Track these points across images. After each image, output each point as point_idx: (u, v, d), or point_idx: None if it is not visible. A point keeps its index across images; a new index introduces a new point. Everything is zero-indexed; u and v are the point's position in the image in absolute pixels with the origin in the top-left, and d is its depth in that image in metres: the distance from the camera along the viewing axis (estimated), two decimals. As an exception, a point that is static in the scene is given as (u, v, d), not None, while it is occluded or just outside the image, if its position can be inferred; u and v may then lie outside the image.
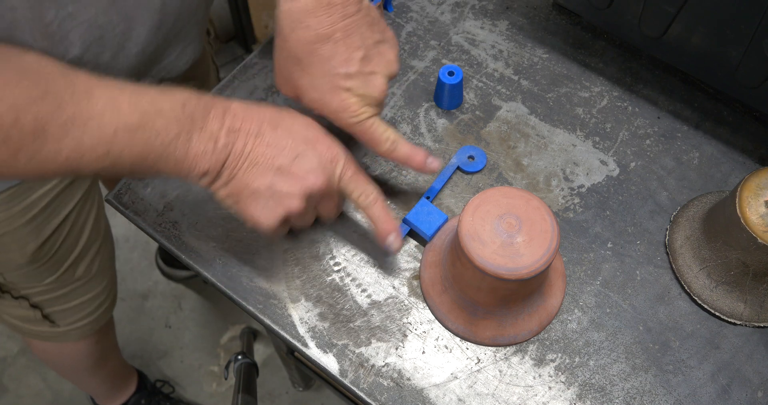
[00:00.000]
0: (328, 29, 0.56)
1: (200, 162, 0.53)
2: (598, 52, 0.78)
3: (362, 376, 0.61)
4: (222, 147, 0.54)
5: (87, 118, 0.49)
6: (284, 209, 0.56)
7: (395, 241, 0.60)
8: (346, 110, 0.59)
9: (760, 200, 0.57)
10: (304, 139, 0.57)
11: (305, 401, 1.52)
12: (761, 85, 0.64)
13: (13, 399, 1.51)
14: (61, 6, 0.55)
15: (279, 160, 0.55)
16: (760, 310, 0.62)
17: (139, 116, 0.50)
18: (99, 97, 0.49)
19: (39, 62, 0.49)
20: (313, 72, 0.58)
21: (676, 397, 0.60)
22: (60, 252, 0.87)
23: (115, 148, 0.50)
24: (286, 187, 0.55)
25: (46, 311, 0.95)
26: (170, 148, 0.52)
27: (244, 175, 0.55)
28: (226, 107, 0.55)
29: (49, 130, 0.47)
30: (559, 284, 0.63)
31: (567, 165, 0.71)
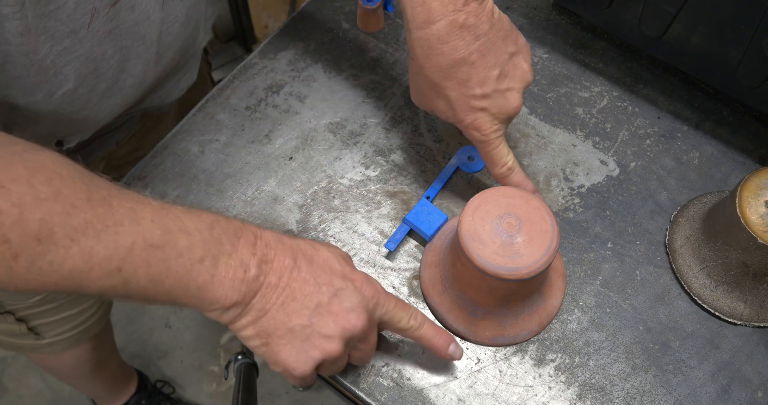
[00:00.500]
0: (464, 53, 0.54)
1: (228, 291, 0.47)
2: (598, 52, 0.78)
3: (362, 376, 0.61)
4: (253, 278, 0.48)
5: (102, 227, 0.43)
6: (321, 353, 0.50)
7: (457, 349, 0.57)
8: (478, 129, 0.58)
9: (760, 200, 0.57)
10: (342, 274, 0.52)
11: (305, 401, 1.52)
12: (761, 85, 0.64)
13: (13, 399, 1.51)
14: (56, 41, 0.52)
15: (317, 297, 0.50)
16: (760, 310, 0.62)
17: (162, 233, 0.45)
18: (119, 207, 0.44)
19: (55, 161, 0.43)
20: (450, 95, 0.57)
21: (676, 397, 0.60)
22: None
23: (130, 265, 0.44)
24: (325, 328, 0.50)
25: (31, 324, 0.93)
26: (192, 273, 0.46)
27: (278, 312, 0.49)
28: (257, 234, 0.50)
29: (56, 234, 0.41)
30: (559, 284, 0.63)
31: (567, 165, 0.71)
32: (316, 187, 0.69)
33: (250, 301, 0.49)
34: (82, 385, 1.33)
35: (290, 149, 0.72)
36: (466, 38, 0.54)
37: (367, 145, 0.72)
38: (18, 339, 0.96)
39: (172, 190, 0.69)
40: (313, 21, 0.80)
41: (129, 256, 0.44)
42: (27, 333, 0.94)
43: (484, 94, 0.56)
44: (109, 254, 0.43)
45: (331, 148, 0.72)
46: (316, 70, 0.76)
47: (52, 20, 0.50)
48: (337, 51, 0.78)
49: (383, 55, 0.77)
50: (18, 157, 0.42)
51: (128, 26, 0.57)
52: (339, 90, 0.75)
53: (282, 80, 0.76)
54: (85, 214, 0.42)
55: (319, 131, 0.73)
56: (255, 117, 0.73)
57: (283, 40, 0.78)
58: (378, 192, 0.69)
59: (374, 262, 0.66)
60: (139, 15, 0.57)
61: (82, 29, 0.53)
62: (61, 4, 0.49)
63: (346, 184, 0.70)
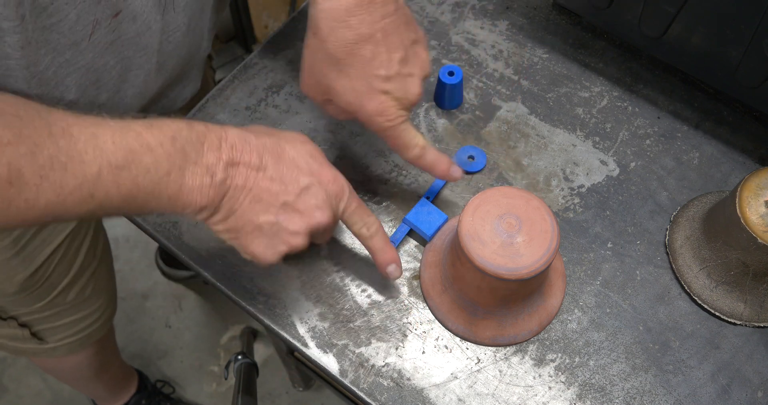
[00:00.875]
0: (370, 29, 0.54)
1: (196, 198, 0.50)
2: (598, 52, 0.78)
3: (362, 376, 0.61)
4: (220, 182, 0.50)
5: (66, 159, 0.44)
6: (288, 246, 0.54)
7: (395, 271, 0.59)
8: (383, 114, 0.57)
9: (760, 200, 0.57)
10: (308, 171, 0.54)
11: (305, 401, 1.52)
12: (761, 85, 0.64)
13: (13, 399, 1.51)
14: (57, 53, 0.52)
15: (284, 196, 0.53)
16: (760, 310, 0.62)
17: (125, 154, 0.46)
18: (79, 136, 0.45)
19: (12, 104, 0.45)
20: (351, 73, 0.56)
21: (676, 397, 0.60)
22: (51, 279, 0.85)
23: (100, 189, 0.46)
24: (291, 224, 0.53)
25: (34, 329, 0.93)
26: (161, 186, 0.48)
27: (246, 211, 0.52)
28: (221, 137, 0.51)
29: (25, 174, 0.43)
30: (559, 284, 0.63)
31: (567, 165, 0.71)
32: (316, 187, 0.69)
33: (219, 203, 0.51)
34: (84, 387, 1.33)
35: (290, 149, 0.72)
36: (373, 14, 0.54)
37: (367, 145, 0.72)
38: (21, 343, 0.96)
39: (172, 190, 0.69)
40: (313, 21, 0.80)
41: (98, 182, 0.45)
42: (30, 338, 0.94)
43: (387, 75, 0.56)
44: (78, 183, 0.45)
45: (331, 148, 0.72)
46: (316, 70, 0.76)
47: (54, 33, 0.50)
48: (337, 51, 0.78)
49: (383, 55, 0.77)
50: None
51: (130, 37, 0.56)
52: (339, 90, 0.75)
53: (282, 80, 0.76)
54: (48, 150, 0.43)
55: (319, 131, 0.73)
56: (255, 117, 0.73)
57: (283, 40, 0.78)
58: (378, 192, 0.69)
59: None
60: (140, 25, 0.56)
61: (83, 41, 0.52)
62: (63, 16, 0.49)
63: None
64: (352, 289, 0.64)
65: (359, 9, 0.54)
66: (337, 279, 0.65)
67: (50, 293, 0.87)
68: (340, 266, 0.66)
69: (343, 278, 0.65)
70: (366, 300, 0.64)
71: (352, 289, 0.64)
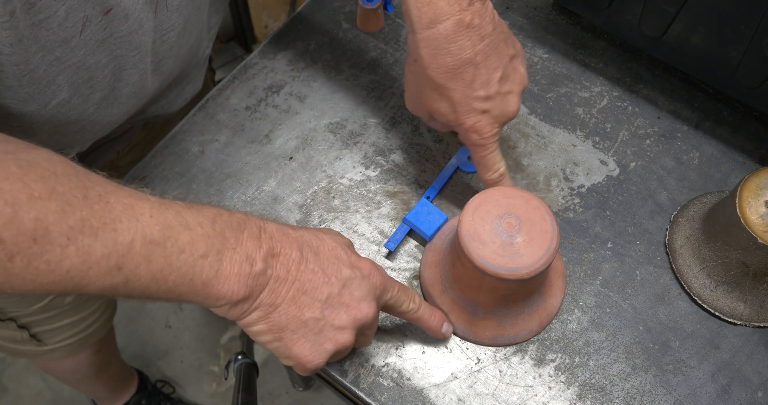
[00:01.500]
0: (470, 53, 0.54)
1: (233, 287, 0.46)
2: (598, 52, 0.78)
3: (362, 376, 0.61)
4: (260, 272, 0.47)
5: (99, 225, 0.42)
6: (335, 345, 0.51)
7: (449, 329, 0.60)
8: (478, 132, 0.58)
9: (760, 200, 0.57)
10: (349, 263, 0.52)
11: (305, 401, 1.52)
12: (761, 85, 0.64)
13: (13, 399, 1.51)
14: (48, 50, 0.51)
15: (328, 288, 0.50)
16: (760, 310, 0.62)
17: (162, 229, 0.44)
18: (116, 203, 0.43)
19: (48, 159, 0.42)
20: (453, 96, 0.56)
21: (676, 397, 0.60)
22: None
23: (130, 263, 0.43)
24: (338, 319, 0.50)
25: (33, 331, 0.93)
26: (196, 269, 0.45)
27: (289, 306, 0.49)
28: (261, 227, 0.49)
29: (52, 233, 0.40)
30: (559, 284, 0.63)
31: (567, 165, 0.71)
32: (316, 187, 0.69)
33: (258, 296, 0.48)
34: (84, 387, 1.33)
35: (290, 149, 0.72)
36: (472, 38, 0.54)
37: (367, 145, 0.72)
38: (20, 345, 0.96)
39: (172, 190, 0.69)
40: (313, 21, 0.80)
41: (129, 254, 0.43)
42: (29, 340, 0.94)
43: (487, 95, 0.56)
44: (107, 252, 0.42)
45: (331, 148, 0.72)
46: (316, 70, 0.76)
47: (43, 30, 0.49)
48: (337, 51, 0.78)
49: (383, 55, 0.77)
50: (11, 155, 0.41)
51: (122, 35, 0.56)
52: (339, 90, 0.75)
53: (282, 80, 0.76)
54: (81, 212, 0.41)
55: (319, 131, 0.73)
56: (255, 117, 0.73)
57: (283, 40, 0.78)
58: (378, 192, 0.69)
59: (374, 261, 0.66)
60: (132, 24, 0.56)
61: (73, 38, 0.52)
62: (52, 13, 0.48)
63: (346, 184, 0.70)
64: (352, 289, 0.64)
65: (459, 36, 0.53)
66: (337, 279, 0.65)
67: (46, 296, 0.87)
68: (340, 266, 0.66)
69: (343, 278, 0.65)
70: (366, 300, 0.64)
71: (352, 289, 0.64)
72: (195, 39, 0.69)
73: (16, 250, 0.39)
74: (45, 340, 0.96)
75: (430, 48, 0.54)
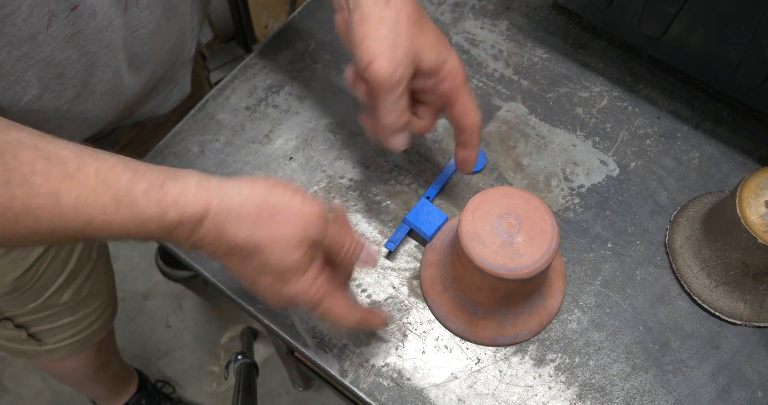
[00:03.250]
0: None
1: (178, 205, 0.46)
2: (598, 52, 0.78)
3: (362, 376, 0.61)
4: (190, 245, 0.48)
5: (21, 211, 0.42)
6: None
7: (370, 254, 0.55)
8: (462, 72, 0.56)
9: (760, 200, 0.57)
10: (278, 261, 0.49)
11: (305, 401, 1.52)
12: (761, 85, 0.64)
13: (13, 399, 1.51)
14: (14, 46, 0.51)
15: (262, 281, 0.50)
16: (760, 310, 0.62)
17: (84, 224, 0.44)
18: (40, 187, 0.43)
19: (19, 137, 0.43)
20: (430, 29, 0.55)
21: (676, 397, 0.60)
22: (43, 280, 0.84)
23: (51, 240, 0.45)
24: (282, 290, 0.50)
25: (31, 330, 0.93)
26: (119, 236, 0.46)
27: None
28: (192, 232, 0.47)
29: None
30: (559, 284, 0.63)
31: (567, 165, 0.71)
32: (316, 187, 0.70)
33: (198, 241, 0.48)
34: (84, 387, 1.33)
35: (290, 149, 0.72)
36: None
37: (367, 145, 0.72)
38: (19, 345, 0.96)
39: (172, 190, 0.69)
40: (313, 21, 0.80)
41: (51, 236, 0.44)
42: (27, 339, 0.94)
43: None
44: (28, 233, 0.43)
45: (331, 148, 0.72)
46: (316, 70, 0.76)
47: (8, 25, 0.49)
48: (337, 51, 0.78)
49: (383, 55, 0.77)
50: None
51: (91, 32, 0.55)
52: (339, 90, 0.75)
53: (282, 80, 0.76)
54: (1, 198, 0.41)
55: (319, 131, 0.73)
56: (255, 117, 0.73)
57: (283, 40, 0.78)
58: (378, 192, 0.69)
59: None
60: (101, 21, 0.55)
61: (40, 33, 0.51)
62: (15, 7, 0.48)
63: (346, 184, 0.70)
64: (352, 289, 0.64)
65: None
66: (337, 279, 0.65)
67: (43, 294, 0.87)
68: (340, 266, 0.66)
69: (343, 278, 0.65)
70: (366, 300, 0.64)
71: (352, 289, 0.64)
72: (176, 38, 0.68)
73: None
74: (44, 339, 0.96)
75: None
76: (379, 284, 0.65)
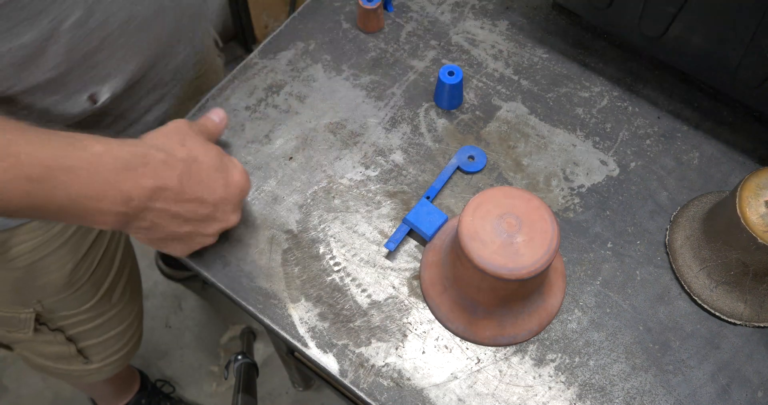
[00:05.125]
0: None
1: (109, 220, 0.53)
2: (598, 52, 0.78)
3: (362, 376, 0.61)
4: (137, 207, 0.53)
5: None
6: (202, 245, 0.61)
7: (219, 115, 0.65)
8: None
9: (760, 200, 0.57)
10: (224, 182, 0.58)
11: (305, 401, 1.52)
12: (761, 85, 0.64)
13: (13, 399, 1.51)
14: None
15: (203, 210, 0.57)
16: (760, 310, 0.62)
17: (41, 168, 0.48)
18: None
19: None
20: None
21: (676, 397, 0.60)
22: (97, 272, 0.87)
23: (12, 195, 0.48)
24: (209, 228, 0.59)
25: (80, 345, 0.95)
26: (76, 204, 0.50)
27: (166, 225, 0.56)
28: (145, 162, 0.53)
29: None
30: (559, 284, 0.63)
31: (567, 165, 0.71)
32: (316, 187, 0.70)
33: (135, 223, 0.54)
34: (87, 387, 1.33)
35: (290, 149, 0.72)
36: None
37: (367, 145, 0.72)
38: (66, 364, 0.97)
39: (172, 190, 0.69)
40: (313, 21, 0.80)
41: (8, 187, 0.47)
42: (76, 356, 0.95)
43: None
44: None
45: (331, 148, 0.72)
46: (316, 70, 0.76)
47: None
48: (337, 51, 0.78)
49: (383, 55, 0.77)
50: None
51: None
52: (339, 90, 0.75)
53: (282, 80, 0.76)
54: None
55: (319, 131, 0.73)
56: (255, 117, 0.73)
57: (283, 40, 0.78)
58: (378, 192, 0.69)
59: (374, 262, 0.66)
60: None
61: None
62: None
63: (346, 184, 0.70)
64: (352, 289, 0.65)
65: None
66: (337, 279, 0.65)
67: (96, 292, 0.88)
68: (340, 266, 0.66)
69: (343, 278, 0.65)
70: (366, 300, 0.64)
71: (352, 289, 0.64)
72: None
73: None
74: (91, 357, 0.98)
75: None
76: (379, 284, 0.65)
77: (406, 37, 0.79)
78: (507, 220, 0.55)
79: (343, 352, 0.62)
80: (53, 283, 0.82)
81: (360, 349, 0.62)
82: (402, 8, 0.81)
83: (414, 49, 0.78)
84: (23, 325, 0.86)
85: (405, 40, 0.78)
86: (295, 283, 0.65)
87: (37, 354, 0.96)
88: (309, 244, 0.66)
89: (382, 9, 0.77)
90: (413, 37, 0.79)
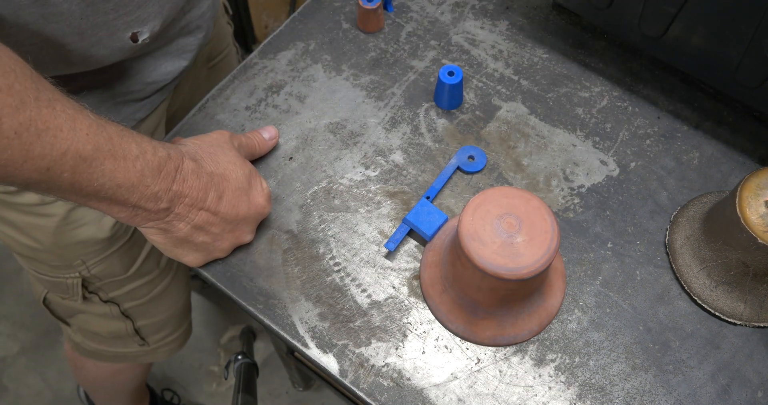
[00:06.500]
0: None
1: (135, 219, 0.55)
2: (598, 52, 0.78)
3: (362, 376, 0.61)
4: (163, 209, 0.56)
5: (44, 128, 0.46)
6: (215, 258, 0.64)
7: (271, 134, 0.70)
8: None
9: (760, 200, 0.57)
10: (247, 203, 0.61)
11: (305, 401, 1.52)
12: (761, 85, 0.64)
13: (13, 399, 1.51)
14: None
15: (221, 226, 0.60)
16: (760, 310, 0.62)
17: (93, 149, 0.49)
18: (61, 112, 0.47)
19: (10, 56, 0.46)
20: None
21: (676, 397, 0.60)
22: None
23: (58, 168, 0.48)
24: (225, 243, 0.62)
25: (138, 324, 0.96)
26: (110, 193, 0.52)
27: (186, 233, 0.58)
28: (178, 168, 0.56)
29: (3, 125, 0.44)
30: (559, 284, 0.63)
31: (567, 165, 0.71)
32: (316, 187, 0.70)
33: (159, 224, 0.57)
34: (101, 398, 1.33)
35: (290, 149, 0.72)
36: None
37: (367, 145, 0.72)
38: (122, 345, 0.98)
39: (172, 190, 0.69)
40: (313, 21, 0.80)
41: (60, 160, 0.47)
42: (133, 334, 0.97)
43: None
44: (43, 153, 0.46)
45: (331, 148, 0.72)
46: (316, 70, 0.76)
47: None
48: (337, 51, 0.78)
49: (383, 55, 0.77)
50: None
51: None
52: (339, 90, 0.75)
53: (282, 80, 0.76)
54: (31, 112, 0.45)
55: (319, 131, 0.73)
56: (255, 117, 0.73)
57: (283, 40, 0.78)
58: (378, 192, 0.69)
59: (374, 262, 0.66)
60: None
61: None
62: None
63: (346, 184, 0.70)
64: (352, 289, 0.65)
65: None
66: (337, 279, 0.65)
67: (139, 254, 0.88)
68: (340, 266, 0.66)
69: (343, 278, 0.65)
70: (366, 300, 0.64)
71: (352, 289, 0.64)
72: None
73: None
74: (147, 337, 1.00)
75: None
76: (379, 284, 0.65)
77: (406, 37, 0.79)
78: (507, 220, 0.55)
79: (343, 352, 0.62)
80: (94, 237, 0.81)
81: (360, 349, 0.62)
82: (402, 8, 0.81)
83: (414, 49, 0.78)
84: (71, 291, 0.87)
85: (405, 40, 0.78)
86: (295, 283, 0.65)
87: (92, 335, 0.96)
88: (309, 244, 0.66)
89: (382, 9, 0.77)
90: (413, 37, 0.79)
